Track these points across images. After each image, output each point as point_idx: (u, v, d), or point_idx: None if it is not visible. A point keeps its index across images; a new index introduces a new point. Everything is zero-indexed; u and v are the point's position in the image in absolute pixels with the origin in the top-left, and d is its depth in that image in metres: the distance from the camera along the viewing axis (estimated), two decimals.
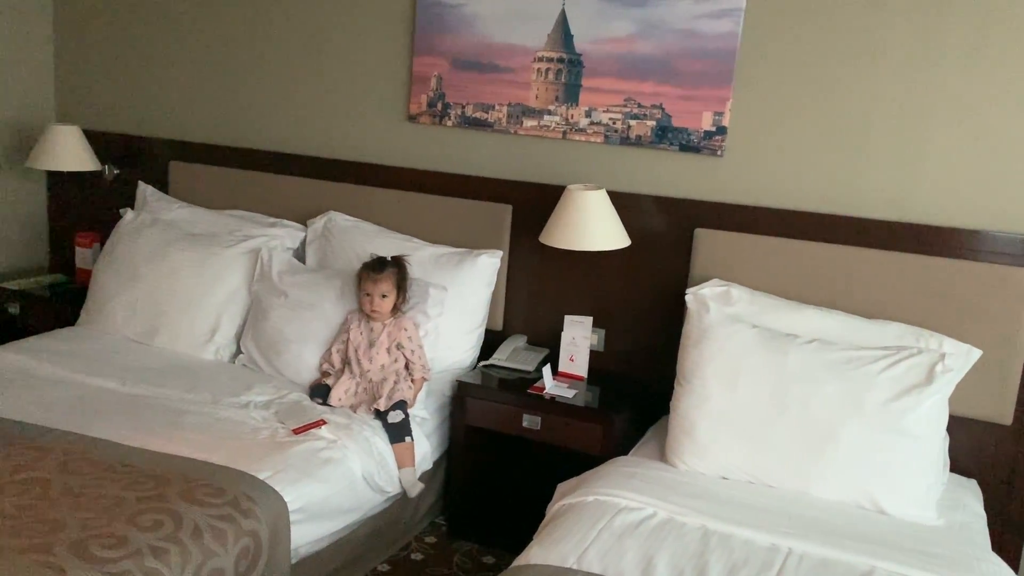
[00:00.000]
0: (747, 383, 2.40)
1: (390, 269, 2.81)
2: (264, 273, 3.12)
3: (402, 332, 2.79)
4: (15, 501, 1.98)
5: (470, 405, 2.85)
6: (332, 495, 2.39)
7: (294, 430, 2.53)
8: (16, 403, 2.57)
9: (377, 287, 2.77)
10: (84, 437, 2.37)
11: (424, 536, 2.93)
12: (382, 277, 2.78)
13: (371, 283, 2.77)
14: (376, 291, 2.77)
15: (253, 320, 3.10)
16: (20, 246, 3.91)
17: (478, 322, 3.11)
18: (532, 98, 3.07)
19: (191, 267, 3.16)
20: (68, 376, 2.81)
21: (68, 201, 3.95)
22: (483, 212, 3.14)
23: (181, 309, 3.12)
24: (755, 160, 2.83)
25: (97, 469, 2.18)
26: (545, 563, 1.93)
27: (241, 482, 2.19)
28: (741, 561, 1.98)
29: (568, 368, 2.96)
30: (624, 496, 2.23)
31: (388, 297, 2.78)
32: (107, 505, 1.99)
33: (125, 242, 3.30)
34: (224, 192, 3.55)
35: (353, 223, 3.28)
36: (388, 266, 2.81)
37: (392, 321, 2.80)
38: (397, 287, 2.80)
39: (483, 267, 3.07)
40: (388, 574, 2.69)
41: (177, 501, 2.04)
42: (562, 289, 3.11)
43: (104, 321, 3.23)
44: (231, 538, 2.01)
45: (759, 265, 2.76)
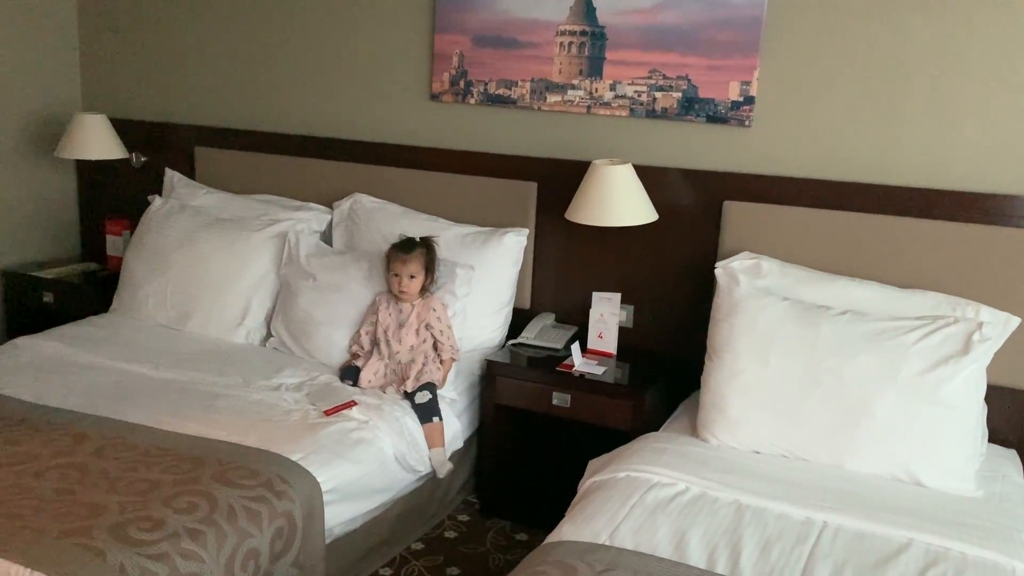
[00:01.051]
0: (779, 356, 2.37)
1: (419, 249, 2.80)
2: (292, 256, 3.13)
3: (431, 313, 2.79)
4: (55, 485, 2.02)
5: (500, 384, 2.85)
6: (364, 475, 2.41)
7: (326, 411, 2.55)
8: (53, 389, 2.61)
9: (406, 267, 2.76)
10: (120, 422, 2.40)
11: (457, 514, 2.95)
12: (411, 257, 2.77)
13: (399, 263, 2.77)
14: (404, 271, 2.76)
15: (282, 303, 3.11)
16: (52, 235, 3.96)
17: (505, 301, 3.10)
18: (555, 73, 3.03)
19: (220, 252, 3.18)
20: (103, 362, 2.85)
21: (97, 189, 3.99)
22: (508, 190, 3.12)
23: (211, 294, 3.15)
24: (784, 130, 2.78)
25: (133, 453, 2.21)
26: (577, 539, 1.93)
27: (274, 464, 2.21)
28: (775, 535, 1.96)
29: (597, 345, 2.94)
30: (656, 472, 2.21)
31: (416, 278, 2.77)
32: (144, 489, 2.02)
33: (154, 229, 3.33)
34: (250, 176, 3.56)
35: (379, 204, 3.28)
36: (417, 246, 2.81)
37: (421, 302, 2.80)
38: (425, 268, 2.79)
39: (509, 246, 3.05)
40: (422, 552, 2.71)
41: (212, 484, 2.06)
42: (589, 266, 3.09)
43: (136, 308, 3.27)
44: (266, 519, 2.03)
45: (789, 237, 2.72)
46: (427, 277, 2.81)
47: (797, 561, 1.87)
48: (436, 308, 2.80)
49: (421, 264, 2.79)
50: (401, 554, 2.68)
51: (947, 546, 1.93)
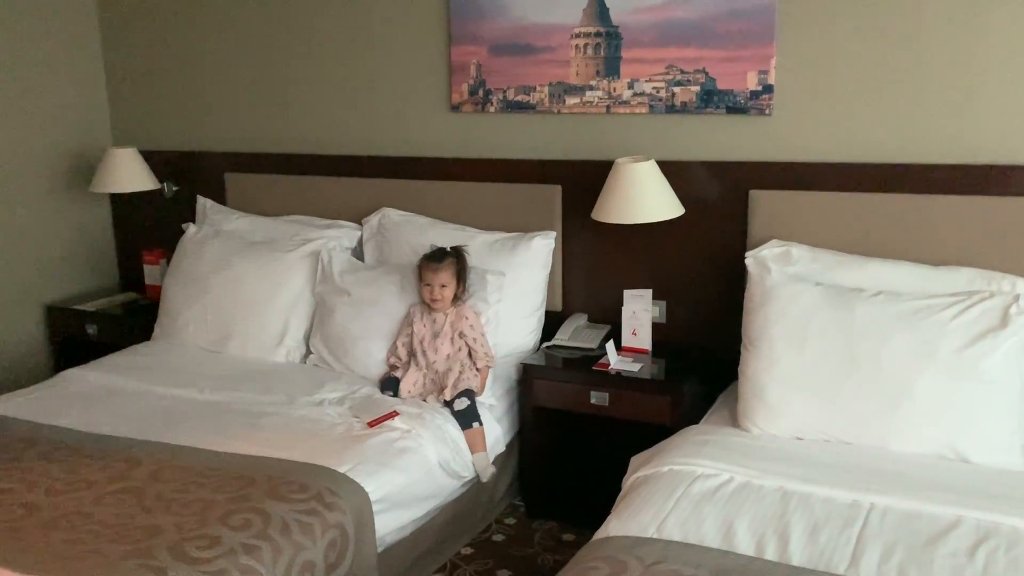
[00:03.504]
0: (815, 341, 2.37)
1: (449, 259, 2.84)
2: (325, 274, 3.19)
3: (463, 321, 2.82)
4: (113, 510, 2.08)
5: (537, 387, 2.88)
6: (411, 483, 2.44)
7: (369, 423, 2.59)
8: (104, 418, 2.68)
9: (437, 277, 2.80)
10: (170, 446, 2.46)
11: (503, 518, 2.97)
12: (442, 267, 2.81)
13: (431, 273, 2.81)
14: (436, 281, 2.80)
15: (319, 320, 3.17)
16: (90, 268, 4.06)
17: (537, 304, 3.12)
18: (572, 75, 3.06)
19: (255, 274, 3.25)
20: (149, 389, 2.92)
21: (132, 221, 4.09)
22: (533, 195, 3.15)
23: (249, 315, 3.21)
24: (805, 116, 2.78)
25: (185, 475, 2.26)
26: (625, 534, 1.95)
27: (323, 477, 2.25)
28: (823, 519, 1.97)
29: (631, 342, 2.96)
30: (699, 464, 2.22)
31: (448, 287, 2.81)
32: (198, 509, 2.07)
33: (190, 256, 3.41)
34: (279, 198, 3.63)
35: (406, 217, 3.33)
36: (447, 256, 2.85)
37: (453, 311, 2.83)
38: (457, 276, 2.83)
39: (537, 249, 3.08)
40: (472, 557, 2.74)
41: (263, 500, 2.11)
42: (619, 264, 3.11)
43: (177, 333, 3.34)
44: (318, 531, 2.07)
45: (818, 222, 2.72)
46: (459, 286, 2.85)
47: (846, 544, 1.87)
48: (468, 316, 2.83)
49: (452, 273, 2.82)
50: (451, 560, 2.71)
51: (998, 521, 1.92)
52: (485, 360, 2.84)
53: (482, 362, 2.84)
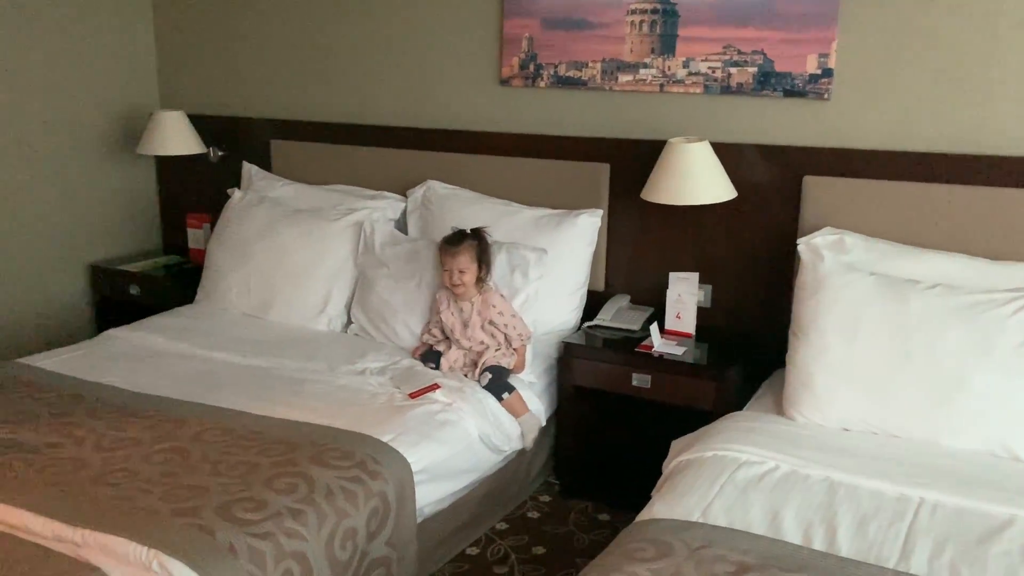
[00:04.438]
0: (867, 332, 2.33)
1: (468, 242, 2.73)
2: (367, 245, 3.18)
3: (491, 309, 2.75)
4: (160, 468, 2.10)
5: (577, 366, 2.86)
6: (452, 456, 2.44)
7: (410, 394, 2.59)
8: (149, 378, 2.70)
9: (456, 261, 2.72)
10: (213, 408, 2.48)
11: (538, 495, 2.97)
12: (459, 251, 2.72)
13: (449, 258, 2.73)
14: (455, 266, 2.72)
15: (360, 291, 3.17)
16: (134, 230, 4.09)
17: (580, 283, 3.10)
18: (626, 52, 3.02)
19: (299, 242, 3.25)
20: (192, 351, 2.95)
21: (176, 185, 4.11)
22: (580, 172, 3.12)
23: (292, 283, 3.22)
24: (865, 101, 2.72)
25: (229, 437, 2.28)
26: (669, 517, 1.93)
27: (366, 445, 2.26)
28: (871, 512, 1.94)
29: (675, 326, 2.93)
30: (744, 450, 2.20)
31: (467, 272, 2.72)
32: (244, 471, 2.08)
33: (235, 222, 3.42)
34: (324, 167, 3.63)
35: (451, 191, 3.31)
36: (466, 239, 2.74)
37: (479, 298, 2.76)
38: (477, 260, 2.73)
39: (583, 227, 3.05)
40: (507, 532, 2.74)
41: (308, 465, 2.12)
42: (664, 246, 3.07)
43: (220, 298, 3.36)
44: (361, 499, 2.08)
45: (873, 211, 2.66)
46: (480, 269, 2.74)
47: (896, 537, 1.85)
48: (495, 303, 2.75)
49: (472, 256, 2.72)
50: (486, 534, 2.72)
51: None
52: (520, 341, 2.80)
53: (516, 343, 2.80)
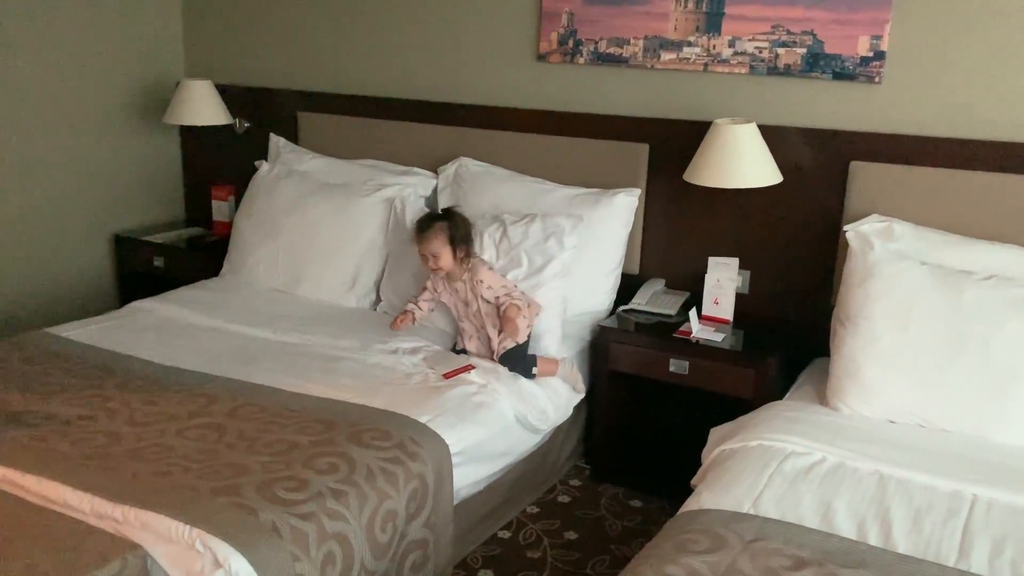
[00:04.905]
0: (919, 323, 2.27)
1: (437, 224, 2.59)
2: (398, 222, 3.13)
3: (480, 285, 2.63)
4: (196, 445, 2.06)
5: (613, 350, 2.81)
6: (488, 438, 2.40)
7: (445, 375, 2.55)
8: (179, 352, 2.66)
9: (427, 246, 2.60)
10: (247, 384, 2.44)
11: (568, 479, 2.93)
12: (428, 235, 2.59)
13: (420, 243, 2.62)
14: (427, 250, 2.61)
15: (390, 269, 3.12)
16: (158, 201, 4.04)
17: (615, 264, 3.04)
18: (670, 29, 2.94)
19: (329, 218, 3.20)
20: (222, 325, 2.90)
21: (201, 156, 4.05)
22: (618, 152, 3.05)
23: (322, 259, 3.17)
24: (917, 85, 2.64)
25: (265, 414, 2.24)
26: (718, 508, 1.89)
27: (404, 426, 2.21)
28: (924, 507, 1.89)
29: (712, 311, 2.88)
30: (790, 441, 2.15)
31: (441, 255, 2.60)
32: (282, 449, 2.04)
33: (263, 195, 3.36)
34: (354, 141, 3.56)
35: (484, 168, 3.25)
36: (435, 222, 2.60)
37: (469, 276, 2.65)
38: (450, 241, 2.59)
39: (620, 206, 2.99)
40: (538, 516, 2.70)
41: (347, 445, 2.08)
42: (703, 230, 3.01)
43: (247, 272, 3.31)
44: (402, 481, 2.04)
45: (922, 199, 2.60)
46: (457, 249, 2.61)
47: (952, 534, 1.80)
48: (483, 277, 2.62)
49: (443, 239, 2.58)
50: (517, 517, 2.68)
51: None
52: (521, 309, 2.57)
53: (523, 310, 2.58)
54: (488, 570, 2.42)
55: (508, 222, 2.91)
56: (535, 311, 2.69)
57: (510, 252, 2.84)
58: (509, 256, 2.84)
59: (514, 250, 2.84)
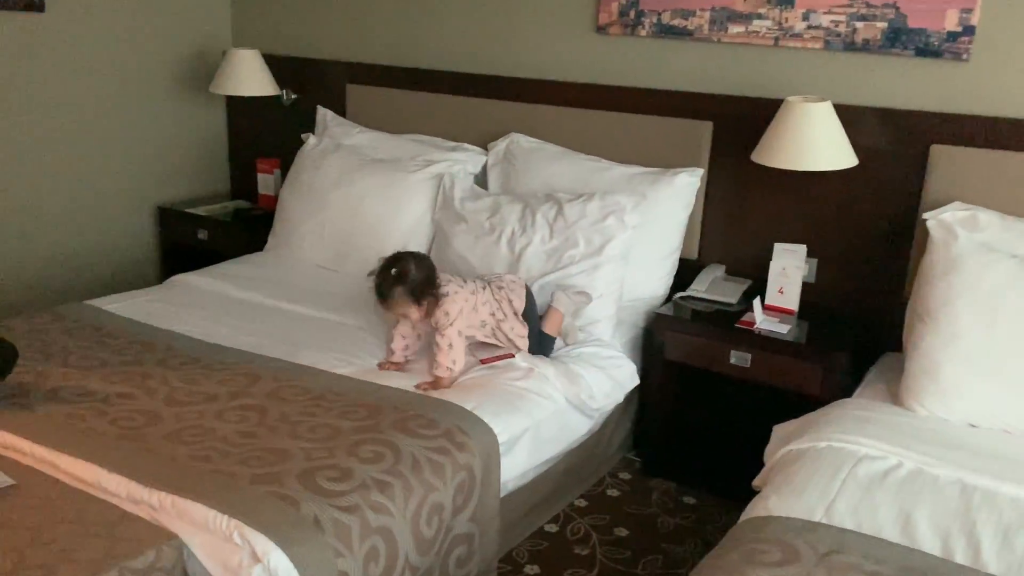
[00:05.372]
0: (1008, 320, 2.10)
1: (396, 290, 2.30)
2: (446, 199, 3.01)
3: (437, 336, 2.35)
4: (236, 427, 1.98)
5: (670, 339, 2.67)
6: (537, 425, 2.29)
7: (482, 360, 2.43)
8: (220, 328, 2.59)
9: (394, 311, 2.36)
10: (290, 364, 2.36)
11: (617, 472, 2.81)
12: (390, 304, 2.33)
13: (385, 310, 2.38)
14: (395, 314, 2.38)
15: (437, 247, 3.01)
16: (203, 172, 3.98)
17: (673, 248, 2.90)
18: (739, 1, 2.76)
19: (376, 194, 3.09)
20: (264, 301, 2.83)
21: (247, 127, 3.97)
22: (680, 130, 2.90)
23: (369, 235, 3.07)
24: (1009, 64, 2.44)
25: (308, 396, 2.15)
26: (789, 515, 1.76)
27: (450, 413, 2.11)
28: (1015, 523, 1.74)
29: (776, 301, 2.72)
30: (862, 443, 2.00)
31: (411, 312, 2.34)
32: (326, 435, 1.95)
33: (309, 168, 3.27)
34: (402, 115, 3.45)
35: (536, 145, 3.12)
36: (393, 287, 2.30)
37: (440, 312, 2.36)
38: (413, 299, 2.31)
39: (681, 187, 2.84)
40: (586, 510, 2.59)
41: (392, 432, 1.98)
42: (767, 214, 2.85)
43: (292, 247, 3.23)
44: (449, 472, 1.94)
45: (1011, 186, 2.41)
46: (423, 300, 2.33)
47: None
48: (439, 326, 2.34)
49: (407, 300, 2.31)
50: (565, 511, 2.57)
51: None
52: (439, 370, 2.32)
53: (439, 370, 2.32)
54: (535, 565, 2.32)
55: (564, 200, 2.78)
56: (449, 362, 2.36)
57: (565, 232, 2.72)
58: (564, 236, 2.72)
59: (570, 229, 2.71)
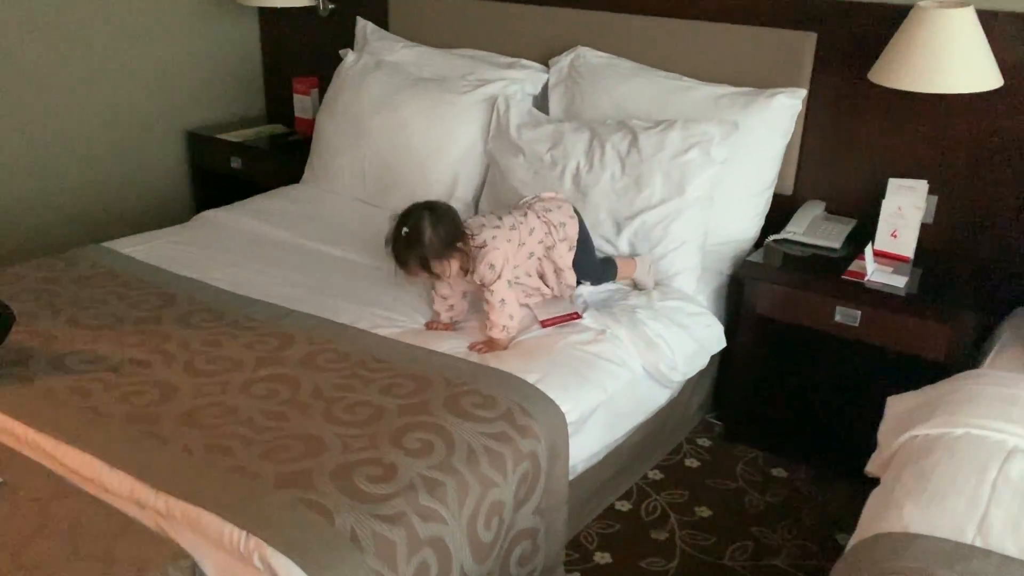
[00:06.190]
0: None
1: (411, 256, 1.97)
2: (500, 127, 2.64)
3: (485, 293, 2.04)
4: (264, 406, 1.69)
5: (762, 291, 2.31)
6: (611, 399, 1.97)
7: (542, 322, 2.11)
8: (251, 276, 2.31)
9: (418, 277, 2.06)
10: (327, 321, 2.06)
11: (696, 437, 2.50)
12: (409, 270, 2.00)
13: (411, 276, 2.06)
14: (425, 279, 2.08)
15: (492, 181, 2.67)
16: (235, 94, 3.64)
17: (768, 183, 2.50)
18: None
19: (422, 118, 2.73)
20: (302, 243, 2.54)
21: (282, 42, 3.61)
22: (777, 42, 2.47)
23: (414, 167, 2.73)
24: None
25: (347, 364, 1.86)
26: (933, 533, 1.42)
27: (510, 388, 1.80)
28: None
29: (888, 246, 2.32)
30: (1009, 431, 1.64)
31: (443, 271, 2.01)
32: (366, 417, 1.66)
33: (348, 90, 2.91)
34: (452, 27, 3.05)
35: (606, 60, 2.71)
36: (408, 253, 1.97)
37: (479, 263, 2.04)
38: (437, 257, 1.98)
39: (779, 110, 2.43)
40: (662, 484, 2.29)
41: (444, 414, 1.68)
42: (878, 143, 2.43)
43: (331, 180, 2.91)
44: (510, 463, 1.64)
45: None
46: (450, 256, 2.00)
47: None
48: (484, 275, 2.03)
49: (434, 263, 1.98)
50: (638, 484, 2.28)
51: None
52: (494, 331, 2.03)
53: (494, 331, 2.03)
54: (605, 553, 2.04)
55: (638, 129, 2.40)
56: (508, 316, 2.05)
57: (639, 167, 2.34)
58: (638, 172, 2.34)
59: (645, 164, 2.34)
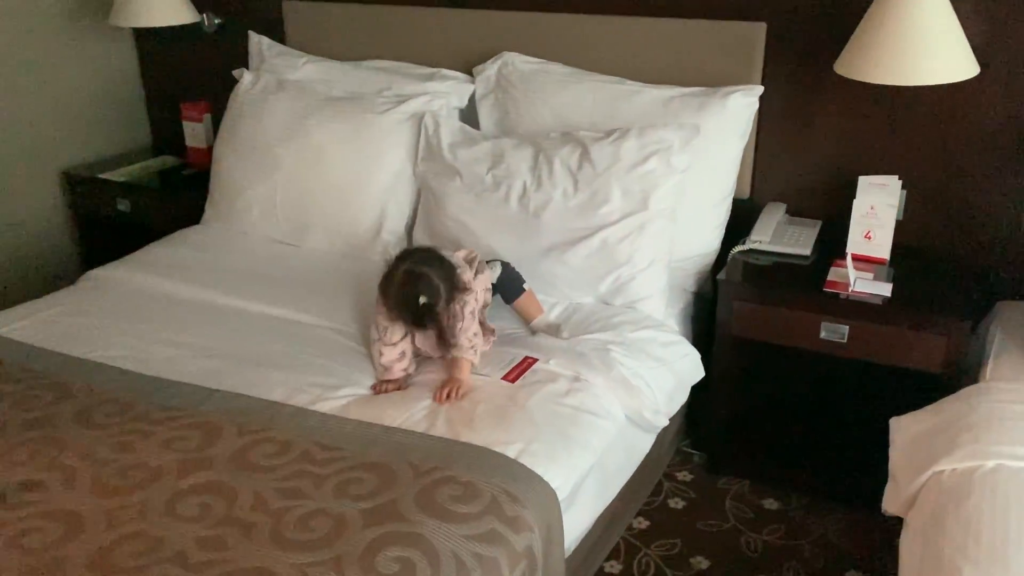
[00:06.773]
0: None
1: (431, 326, 1.82)
2: (431, 148, 2.37)
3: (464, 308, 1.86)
4: (195, 532, 1.38)
5: (738, 312, 2.11)
6: (600, 459, 1.74)
7: (503, 378, 1.84)
8: (158, 349, 1.96)
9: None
10: (256, 401, 1.76)
11: (675, 471, 2.30)
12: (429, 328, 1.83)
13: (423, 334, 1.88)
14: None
15: (425, 209, 2.38)
16: (115, 125, 3.23)
17: (727, 190, 2.31)
18: None
19: (339, 144, 2.43)
20: (212, 299, 2.20)
21: (164, 65, 3.21)
22: (722, 35, 2.28)
23: (334, 200, 2.43)
24: None
25: (290, 458, 1.56)
26: None
27: (490, 468, 1.54)
28: None
29: (862, 249, 2.17)
30: None
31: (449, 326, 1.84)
32: (325, 533, 1.37)
33: (248, 116, 2.57)
34: (358, 37, 2.74)
35: (538, 65, 2.46)
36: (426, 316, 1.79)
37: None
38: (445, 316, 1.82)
39: (736, 111, 2.23)
40: (650, 533, 2.08)
41: (418, 516, 1.40)
42: (837, 138, 2.27)
43: (237, 219, 2.57)
44: (505, 568, 1.38)
45: None
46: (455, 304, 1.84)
47: None
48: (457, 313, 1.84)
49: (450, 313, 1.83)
50: (624, 538, 2.06)
51: None
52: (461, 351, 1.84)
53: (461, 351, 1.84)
54: None
55: (588, 141, 2.16)
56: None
57: (594, 182, 2.11)
58: (593, 188, 2.11)
59: (600, 178, 2.11)
